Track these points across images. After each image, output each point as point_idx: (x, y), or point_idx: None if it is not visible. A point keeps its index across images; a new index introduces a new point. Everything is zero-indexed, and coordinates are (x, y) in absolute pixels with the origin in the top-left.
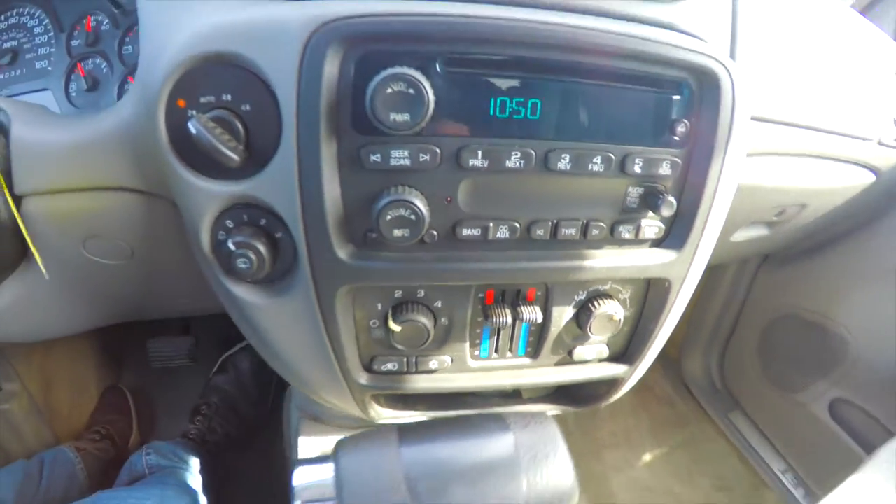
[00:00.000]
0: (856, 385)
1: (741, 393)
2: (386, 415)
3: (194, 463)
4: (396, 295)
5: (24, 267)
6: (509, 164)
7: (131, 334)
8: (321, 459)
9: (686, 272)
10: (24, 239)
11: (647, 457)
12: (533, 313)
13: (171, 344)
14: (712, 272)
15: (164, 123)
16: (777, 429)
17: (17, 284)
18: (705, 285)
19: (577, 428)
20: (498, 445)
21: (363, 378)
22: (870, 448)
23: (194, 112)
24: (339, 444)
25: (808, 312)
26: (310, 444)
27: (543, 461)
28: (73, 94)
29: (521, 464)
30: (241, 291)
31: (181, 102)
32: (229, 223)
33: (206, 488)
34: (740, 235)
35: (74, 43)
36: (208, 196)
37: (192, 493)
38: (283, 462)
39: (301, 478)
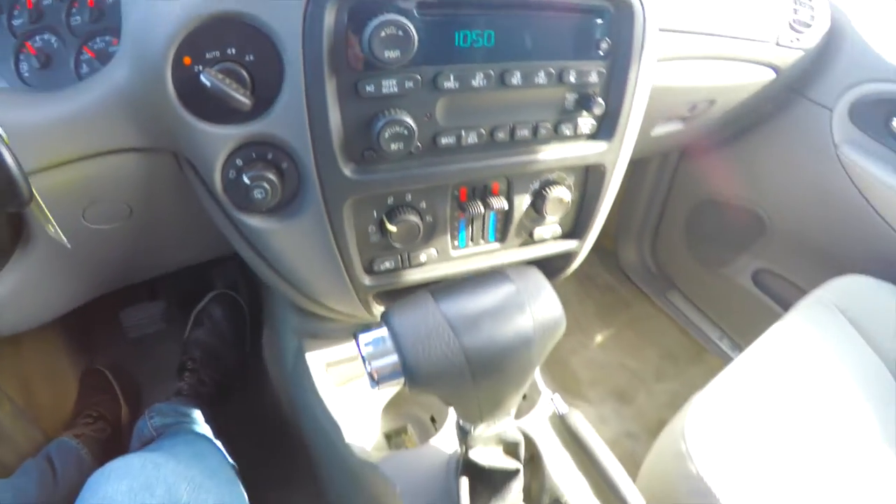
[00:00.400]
0: (773, 256)
1: (674, 273)
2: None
3: (197, 414)
4: (389, 202)
5: (19, 253)
6: (474, 83)
7: (97, 313)
8: (376, 326)
9: (616, 158)
10: (17, 224)
11: (598, 338)
12: (500, 202)
13: (143, 311)
14: (638, 167)
15: (172, 81)
16: (710, 301)
17: (15, 270)
18: (632, 180)
19: None
20: (505, 290)
21: (366, 279)
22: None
23: (201, 67)
24: (388, 311)
25: (725, 197)
26: (316, 359)
27: (539, 297)
28: (26, 74)
29: (525, 300)
30: (256, 221)
31: (187, 60)
32: (239, 162)
33: (217, 434)
34: (659, 130)
35: (17, 22)
36: (221, 140)
37: (207, 440)
38: (273, 400)
39: (365, 344)
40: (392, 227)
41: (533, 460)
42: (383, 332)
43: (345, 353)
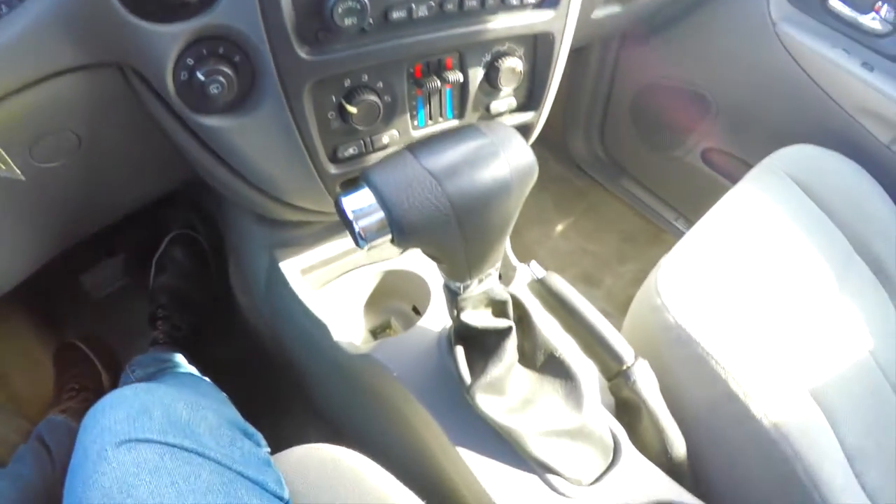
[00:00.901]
0: (720, 135)
1: (625, 160)
2: None
3: (179, 358)
4: (346, 84)
5: None
6: None
7: (58, 286)
8: (355, 187)
9: (563, 27)
10: None
11: (559, 228)
12: (455, 75)
13: (103, 270)
14: (580, 57)
15: None
16: (662, 184)
17: None
18: (575, 70)
19: None
20: (479, 141)
21: (332, 168)
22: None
23: None
24: (367, 170)
25: (669, 81)
26: (291, 267)
27: (511, 145)
28: None
29: (499, 149)
30: (215, 121)
31: None
32: (190, 61)
33: (202, 373)
34: (599, 13)
35: None
36: (169, 39)
37: (194, 375)
38: (250, 330)
39: (349, 205)
40: (352, 109)
41: (522, 321)
42: (365, 190)
43: (318, 258)
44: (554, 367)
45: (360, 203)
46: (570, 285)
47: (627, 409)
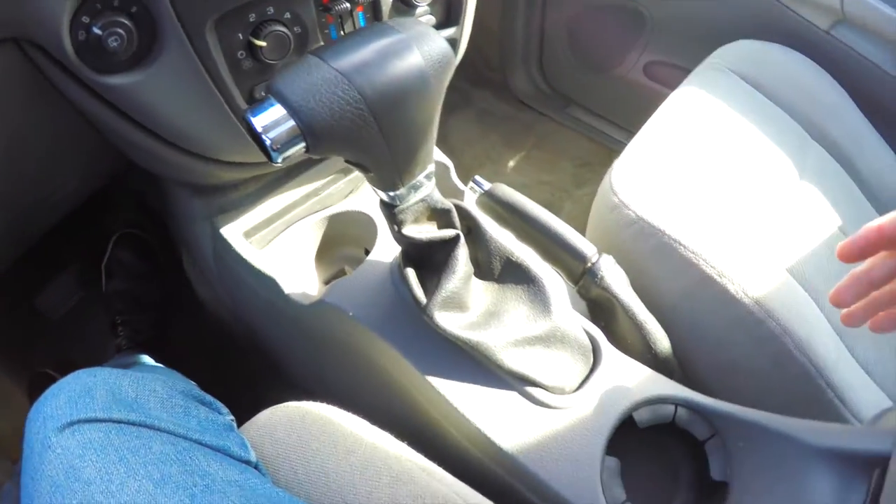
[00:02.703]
0: (659, 47)
1: (569, 89)
2: None
3: (145, 359)
4: (251, 19)
5: None
6: None
7: (14, 319)
8: (261, 101)
9: None
10: None
11: (511, 164)
12: None
13: (56, 288)
14: None
15: None
16: (609, 106)
17: None
18: (506, 6)
19: None
20: (392, 37)
21: None
22: None
23: None
24: (272, 80)
25: (600, 0)
26: (232, 231)
27: (426, 37)
28: None
29: (412, 42)
30: (121, 79)
31: None
32: (86, 18)
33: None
34: None
35: None
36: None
37: (154, 366)
38: (213, 318)
39: (257, 120)
40: (261, 42)
41: (472, 232)
42: (271, 100)
43: (259, 217)
44: (513, 274)
45: (268, 115)
46: (518, 193)
47: (601, 311)
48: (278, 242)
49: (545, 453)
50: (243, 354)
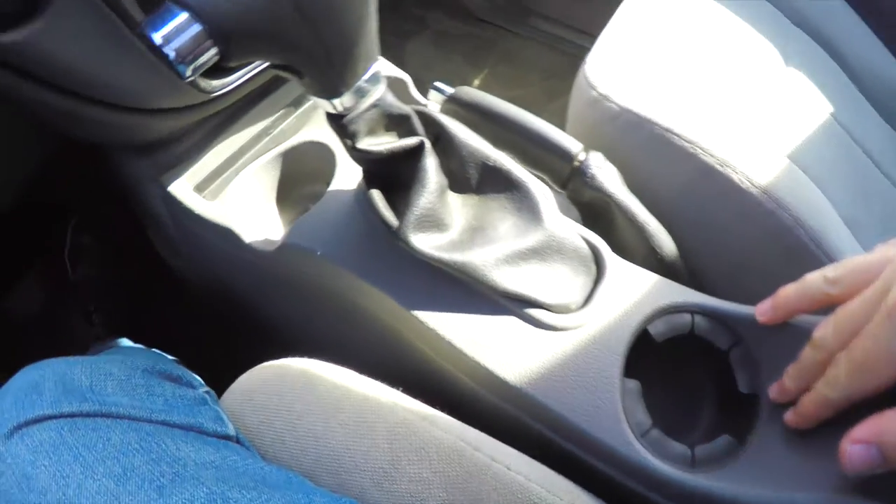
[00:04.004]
0: None
1: None
2: (217, 83)
3: (124, 342)
4: None
5: None
6: None
7: None
8: (160, 10)
9: None
10: None
11: (476, 83)
12: None
13: (25, 288)
14: None
15: None
16: (571, 12)
17: None
18: None
19: None
20: None
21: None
22: None
23: None
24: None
25: None
26: (180, 187)
27: None
28: None
29: None
30: (17, 35)
31: None
32: None
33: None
34: None
35: None
36: None
37: (126, 348)
38: (187, 291)
39: (156, 32)
40: None
41: (440, 140)
42: (166, 5)
43: (207, 168)
44: (493, 182)
45: (168, 25)
46: (486, 94)
47: (596, 215)
48: (231, 191)
49: (556, 382)
50: (224, 320)
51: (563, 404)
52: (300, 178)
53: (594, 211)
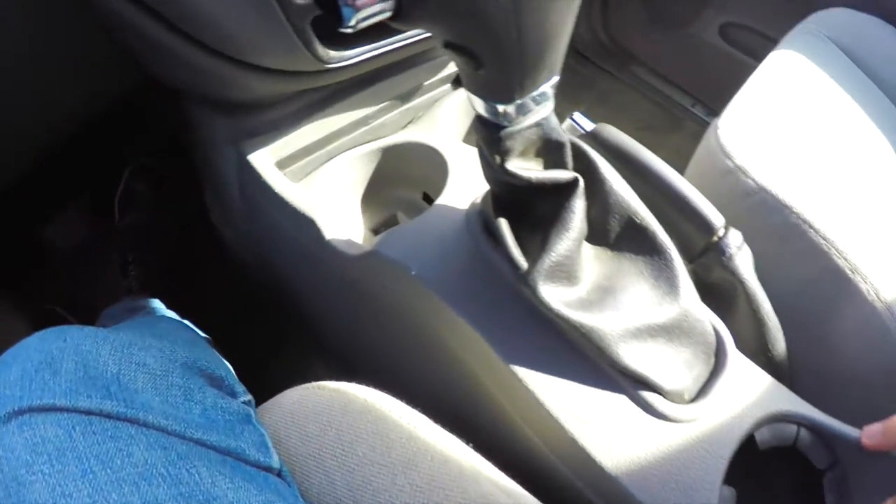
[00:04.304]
0: (739, 6)
1: (633, 45)
2: (335, 54)
3: (156, 303)
4: None
5: None
6: None
7: (18, 249)
8: None
9: None
10: None
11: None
12: None
13: (67, 220)
14: None
15: None
16: (675, 67)
17: None
18: None
19: None
20: None
21: None
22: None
23: None
24: None
25: None
26: (262, 159)
27: None
28: None
29: None
30: None
31: None
32: None
33: (183, 318)
34: None
35: None
36: None
37: (163, 317)
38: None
39: None
40: None
41: (586, 175)
42: None
43: (296, 144)
44: (635, 239)
45: None
46: (630, 137)
47: (717, 297)
48: (318, 176)
49: (655, 478)
50: (269, 306)
51: (655, 501)
52: (394, 179)
53: (715, 292)
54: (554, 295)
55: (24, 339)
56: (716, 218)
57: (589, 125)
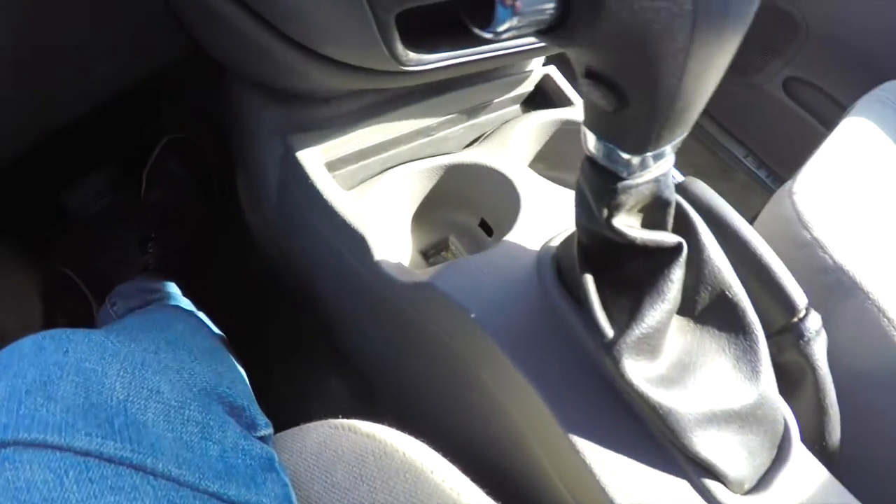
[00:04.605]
0: (807, 63)
1: None
2: (413, 56)
3: (170, 288)
4: None
5: None
6: None
7: (36, 210)
8: None
9: None
10: None
11: None
12: None
13: (88, 184)
14: None
15: None
16: (733, 117)
17: None
18: None
19: None
20: None
21: None
22: (824, 122)
23: None
24: None
25: None
26: (312, 158)
27: None
28: None
29: None
30: None
31: None
32: None
33: (198, 307)
34: None
35: None
36: None
37: (179, 310)
38: (261, 255)
39: None
40: None
41: (684, 239)
42: None
43: (350, 147)
44: (723, 314)
45: None
46: (719, 196)
47: (784, 379)
48: (373, 188)
49: None
50: (285, 303)
51: None
52: (452, 200)
53: (783, 372)
54: (637, 370)
55: (18, 341)
56: (799, 298)
57: (678, 176)
